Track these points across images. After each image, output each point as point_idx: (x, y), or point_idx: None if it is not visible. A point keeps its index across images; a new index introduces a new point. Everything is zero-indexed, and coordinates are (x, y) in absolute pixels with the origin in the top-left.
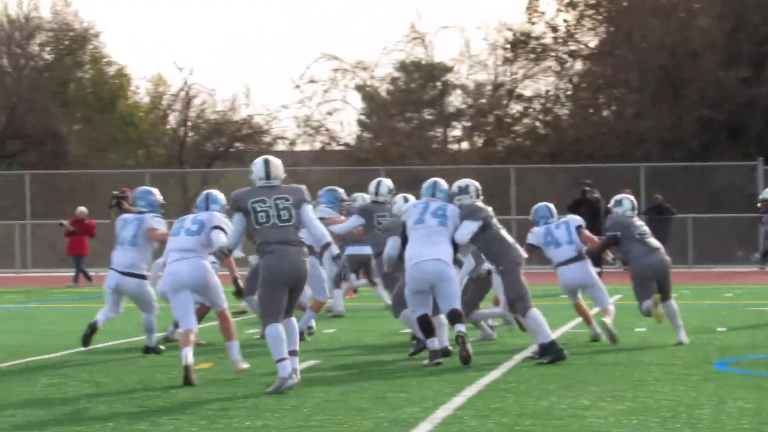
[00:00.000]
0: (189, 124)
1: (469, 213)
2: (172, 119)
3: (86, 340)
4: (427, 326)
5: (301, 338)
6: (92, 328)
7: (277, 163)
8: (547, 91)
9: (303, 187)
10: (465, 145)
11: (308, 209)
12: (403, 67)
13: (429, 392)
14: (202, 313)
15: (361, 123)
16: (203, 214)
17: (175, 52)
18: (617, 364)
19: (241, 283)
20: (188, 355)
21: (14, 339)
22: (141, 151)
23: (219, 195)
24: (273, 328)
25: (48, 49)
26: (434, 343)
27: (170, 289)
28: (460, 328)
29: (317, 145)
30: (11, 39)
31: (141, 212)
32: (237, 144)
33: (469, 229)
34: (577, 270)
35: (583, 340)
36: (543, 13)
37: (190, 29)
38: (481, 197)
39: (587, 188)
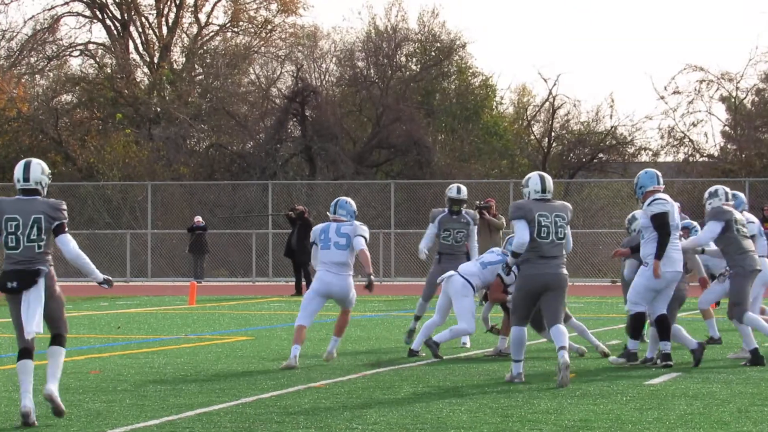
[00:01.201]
0: (553, 134)
1: (713, 214)
2: (536, 130)
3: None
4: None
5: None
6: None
7: (550, 178)
8: None
9: (570, 206)
10: None
11: (569, 227)
12: None
13: None
14: None
15: (725, 134)
16: (347, 226)
17: (540, 63)
18: None
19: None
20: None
21: (377, 346)
22: (505, 161)
23: (349, 201)
24: (518, 330)
25: (414, 59)
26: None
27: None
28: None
29: (680, 157)
30: (379, 49)
31: None
32: (600, 155)
33: (712, 229)
34: None
35: None
36: None
37: (556, 39)
38: (731, 201)
39: None
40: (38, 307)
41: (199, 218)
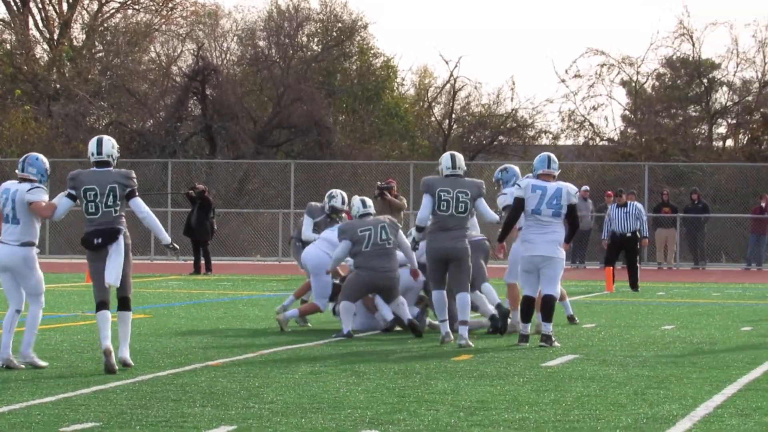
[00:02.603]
0: (454, 116)
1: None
2: (437, 111)
3: None
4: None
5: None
6: None
7: (461, 156)
8: None
9: (481, 182)
10: (730, 142)
11: (483, 201)
12: (669, 63)
13: (689, 389)
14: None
15: (625, 119)
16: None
17: (441, 45)
18: None
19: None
20: None
21: (275, 325)
22: (405, 143)
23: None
24: (437, 293)
25: (316, 40)
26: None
27: None
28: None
29: (581, 140)
30: (280, 29)
31: None
32: (500, 137)
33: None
34: None
35: None
36: None
37: (457, 21)
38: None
39: None
40: (119, 261)
41: None
